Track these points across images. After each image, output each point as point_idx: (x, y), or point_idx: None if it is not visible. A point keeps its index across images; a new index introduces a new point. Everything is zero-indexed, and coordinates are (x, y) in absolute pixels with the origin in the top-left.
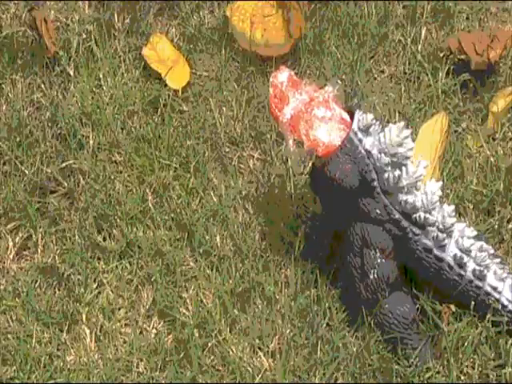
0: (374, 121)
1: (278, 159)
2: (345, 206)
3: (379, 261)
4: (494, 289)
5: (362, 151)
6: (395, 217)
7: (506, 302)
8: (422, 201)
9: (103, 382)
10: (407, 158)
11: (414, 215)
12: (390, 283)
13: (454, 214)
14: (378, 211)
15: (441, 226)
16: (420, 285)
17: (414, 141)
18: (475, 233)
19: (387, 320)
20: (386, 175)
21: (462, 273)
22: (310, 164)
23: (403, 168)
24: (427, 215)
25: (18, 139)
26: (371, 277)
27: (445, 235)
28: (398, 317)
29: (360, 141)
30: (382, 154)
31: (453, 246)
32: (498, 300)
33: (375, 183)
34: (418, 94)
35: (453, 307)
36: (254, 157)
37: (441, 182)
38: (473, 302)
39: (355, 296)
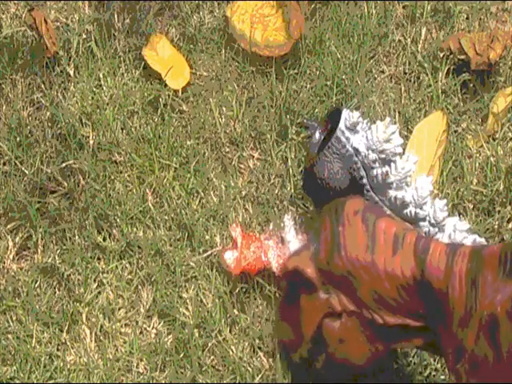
0: (361, 118)
1: (278, 159)
2: None
3: None
4: None
5: (350, 149)
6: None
7: None
8: (413, 196)
9: (103, 382)
10: (396, 154)
11: (405, 210)
12: None
13: (445, 208)
14: None
15: (432, 221)
16: None
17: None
18: (468, 226)
19: None
20: (374, 172)
21: None
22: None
23: (392, 164)
24: (418, 210)
25: (18, 139)
26: None
27: (437, 229)
28: None
29: (347, 139)
30: (370, 151)
31: (445, 240)
32: None
33: (364, 180)
34: (417, 93)
35: None
36: (253, 157)
37: (431, 177)
38: None
39: None
